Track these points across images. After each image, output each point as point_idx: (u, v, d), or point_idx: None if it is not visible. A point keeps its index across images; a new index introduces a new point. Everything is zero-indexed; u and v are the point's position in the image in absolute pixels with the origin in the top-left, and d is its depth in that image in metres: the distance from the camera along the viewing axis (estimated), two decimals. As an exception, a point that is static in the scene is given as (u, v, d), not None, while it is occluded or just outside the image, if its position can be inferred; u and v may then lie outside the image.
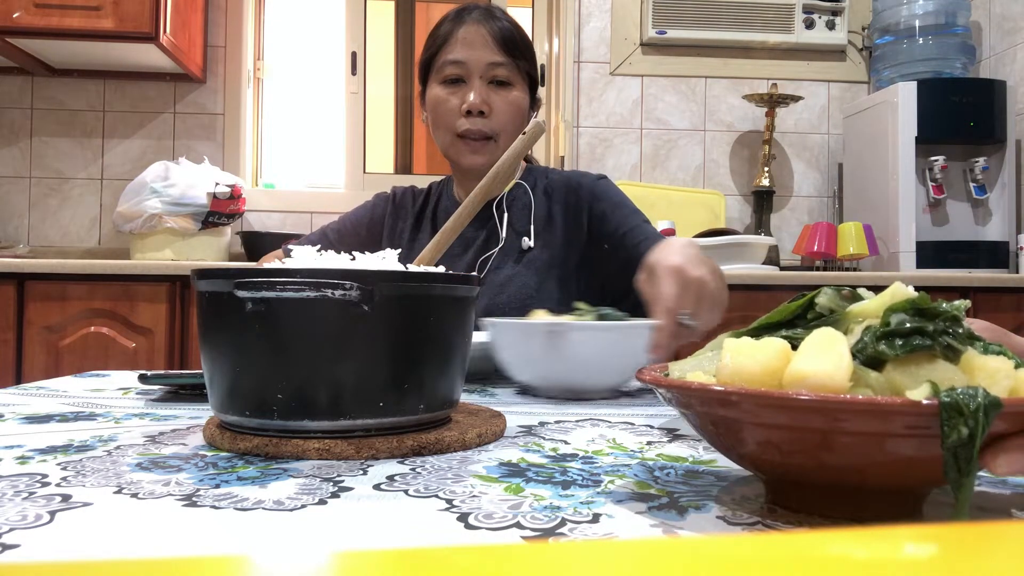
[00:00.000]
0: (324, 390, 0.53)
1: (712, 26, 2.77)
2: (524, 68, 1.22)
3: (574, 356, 0.78)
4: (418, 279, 0.56)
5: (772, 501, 0.42)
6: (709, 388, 0.38)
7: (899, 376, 0.36)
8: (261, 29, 2.93)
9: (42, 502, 0.40)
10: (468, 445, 0.57)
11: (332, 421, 0.53)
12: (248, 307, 0.52)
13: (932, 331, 0.36)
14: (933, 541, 0.19)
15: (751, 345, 0.39)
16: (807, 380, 0.35)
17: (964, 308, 0.37)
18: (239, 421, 0.55)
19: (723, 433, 0.40)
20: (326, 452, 0.52)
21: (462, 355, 0.61)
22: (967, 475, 0.33)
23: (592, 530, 0.37)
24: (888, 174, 2.48)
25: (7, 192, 2.70)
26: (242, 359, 0.54)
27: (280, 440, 0.53)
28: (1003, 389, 0.35)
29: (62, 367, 2.07)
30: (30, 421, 0.65)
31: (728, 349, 0.39)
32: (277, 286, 0.50)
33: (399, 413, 0.55)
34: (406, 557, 0.18)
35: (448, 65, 1.19)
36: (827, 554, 0.18)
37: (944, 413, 0.32)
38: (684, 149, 2.86)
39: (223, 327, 0.55)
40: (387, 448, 0.53)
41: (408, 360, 0.55)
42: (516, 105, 1.20)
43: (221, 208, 2.40)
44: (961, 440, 0.32)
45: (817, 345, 0.37)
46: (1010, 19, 2.71)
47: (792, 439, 0.36)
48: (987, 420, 0.32)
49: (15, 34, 2.32)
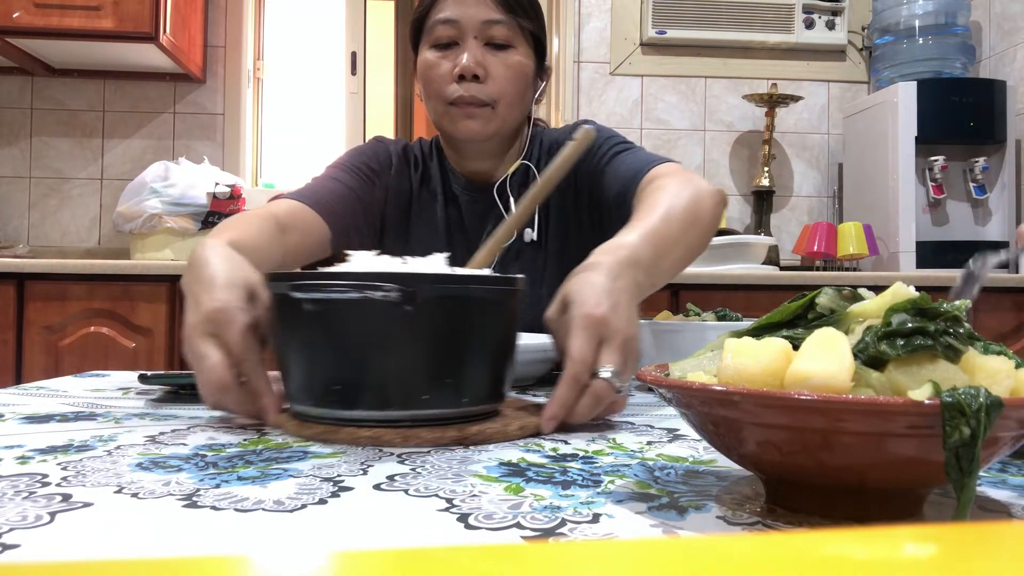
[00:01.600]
0: (371, 383, 0.58)
1: (712, 26, 2.77)
2: (527, 28, 1.06)
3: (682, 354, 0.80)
4: (458, 281, 0.59)
5: (772, 501, 0.41)
6: (710, 388, 0.37)
7: (901, 376, 0.36)
8: (261, 29, 2.94)
9: (42, 502, 0.40)
10: (510, 437, 0.59)
11: (380, 411, 0.58)
12: (306, 307, 0.58)
13: (933, 331, 0.36)
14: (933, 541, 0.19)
15: (752, 345, 0.38)
16: (809, 380, 0.35)
17: (965, 308, 0.37)
18: (305, 410, 0.61)
19: (723, 433, 0.39)
20: (375, 440, 0.56)
21: (505, 353, 0.63)
22: (969, 475, 0.32)
23: (592, 530, 0.37)
24: (888, 174, 2.48)
25: (7, 192, 2.70)
26: (304, 353, 0.60)
27: (338, 428, 0.57)
28: (1004, 389, 0.34)
29: (62, 367, 2.07)
30: (30, 421, 0.65)
31: (729, 349, 0.39)
32: (326, 288, 0.56)
33: (442, 405, 0.59)
34: (406, 557, 0.18)
35: (439, 25, 1.04)
36: (827, 554, 0.18)
37: (946, 413, 0.32)
38: (684, 149, 2.86)
39: (289, 325, 0.61)
40: (431, 437, 0.56)
41: (450, 356, 0.59)
42: (517, 69, 1.05)
43: (221, 208, 2.40)
44: (963, 440, 0.32)
45: (819, 345, 0.37)
46: (1010, 19, 2.71)
47: (793, 439, 0.36)
48: (989, 420, 0.32)
49: (15, 34, 2.32)
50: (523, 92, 1.07)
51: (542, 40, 1.10)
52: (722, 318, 0.89)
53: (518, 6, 1.05)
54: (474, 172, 1.13)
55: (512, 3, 1.04)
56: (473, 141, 1.07)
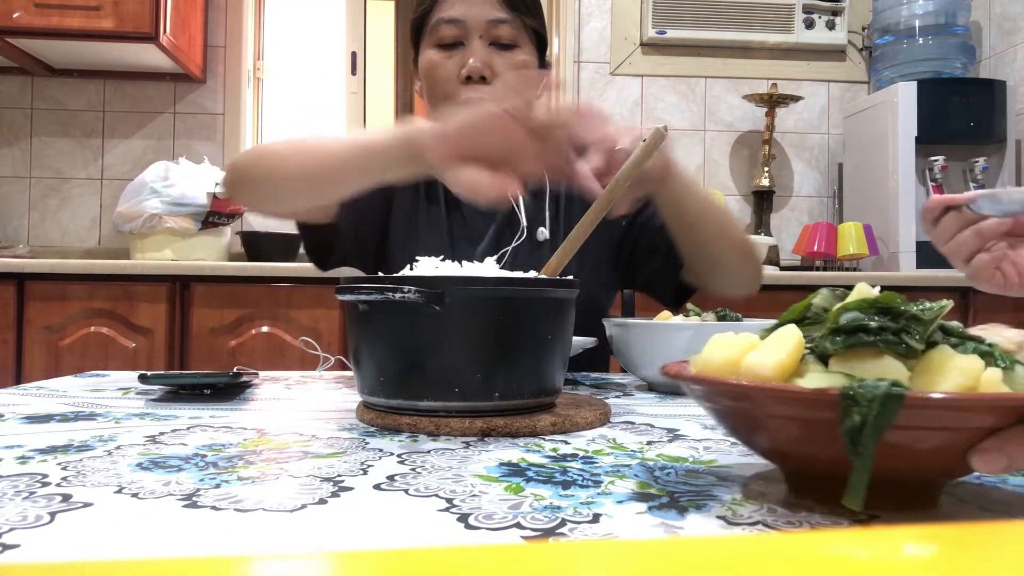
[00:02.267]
0: (408, 375, 0.63)
1: (712, 26, 2.77)
2: (531, 25, 1.06)
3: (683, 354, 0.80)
4: (483, 283, 0.62)
5: (791, 491, 0.44)
6: (679, 372, 0.44)
7: (839, 368, 0.39)
8: (261, 29, 2.94)
9: (42, 502, 0.40)
10: (539, 432, 0.61)
11: (416, 401, 0.63)
12: (360, 308, 0.64)
13: (875, 328, 0.38)
14: (933, 541, 0.19)
15: (724, 339, 0.44)
16: (749, 369, 0.40)
17: (946, 308, 0.39)
18: (366, 399, 0.67)
19: (723, 419, 0.44)
20: (412, 427, 0.62)
21: (541, 350, 0.65)
22: (860, 458, 0.35)
23: (592, 530, 0.37)
24: (888, 174, 2.48)
25: (7, 192, 2.70)
26: (361, 348, 0.66)
27: (386, 415, 0.64)
28: (952, 385, 0.37)
29: (62, 367, 2.07)
30: (30, 421, 0.65)
31: (709, 342, 0.44)
32: (356, 291, 0.61)
33: (473, 398, 0.62)
34: (406, 557, 0.18)
35: (443, 25, 1.03)
36: (827, 554, 0.18)
37: (843, 402, 0.35)
38: (684, 149, 2.86)
39: (352, 323, 0.67)
40: (460, 428, 0.61)
41: (478, 352, 0.63)
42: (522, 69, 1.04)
43: (221, 208, 2.40)
44: (854, 426, 0.35)
45: (773, 341, 0.41)
46: (1010, 19, 2.71)
47: (743, 421, 0.42)
48: (883, 410, 0.34)
49: (15, 34, 2.32)
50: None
51: (544, 36, 1.09)
52: (722, 318, 0.89)
53: (522, 4, 1.04)
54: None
55: (516, 2, 1.03)
56: None
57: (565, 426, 0.63)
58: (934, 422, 0.36)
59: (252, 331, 2.16)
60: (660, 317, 0.93)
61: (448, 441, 0.58)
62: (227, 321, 2.15)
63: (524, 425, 0.61)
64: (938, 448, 0.37)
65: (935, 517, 0.40)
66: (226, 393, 0.81)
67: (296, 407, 0.74)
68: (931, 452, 0.37)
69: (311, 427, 0.63)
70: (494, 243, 1.10)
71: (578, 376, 1.03)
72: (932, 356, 0.38)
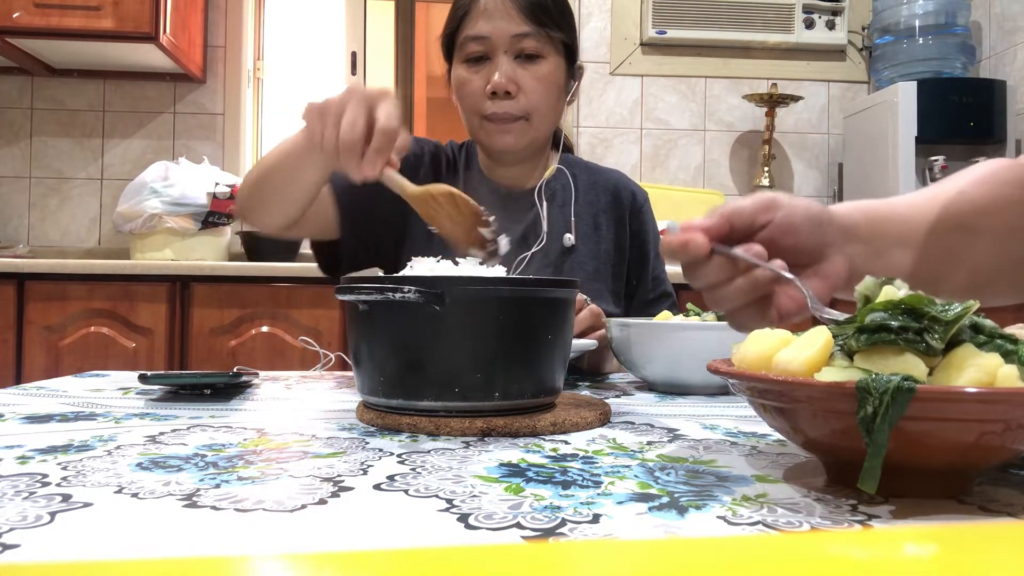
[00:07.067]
0: (408, 375, 0.63)
1: (712, 26, 2.77)
2: (558, 38, 1.09)
3: (699, 353, 0.80)
4: (483, 283, 0.63)
5: (829, 479, 0.47)
6: (716, 366, 0.48)
7: (863, 364, 0.42)
8: (261, 29, 2.94)
9: (42, 502, 0.40)
10: (539, 432, 0.61)
11: (416, 401, 0.63)
12: (360, 308, 0.64)
13: (896, 328, 0.41)
14: (933, 541, 0.19)
15: (761, 335, 0.47)
16: (777, 364, 0.44)
17: (972, 308, 0.41)
18: (365, 399, 0.67)
19: (763, 414, 0.47)
20: (412, 427, 0.61)
21: (541, 350, 0.65)
22: (875, 446, 0.38)
23: (592, 530, 0.37)
24: (888, 174, 2.48)
25: (7, 192, 2.70)
26: (361, 348, 0.66)
27: (386, 414, 0.63)
28: (968, 380, 0.39)
29: (62, 367, 2.07)
30: (30, 421, 0.65)
31: (748, 337, 0.48)
32: (356, 291, 0.61)
33: (473, 398, 0.62)
34: (406, 557, 0.18)
35: (469, 42, 1.07)
36: (827, 554, 0.18)
37: (860, 394, 0.38)
38: (684, 149, 2.86)
39: (352, 323, 0.67)
40: (460, 428, 0.60)
41: (478, 352, 0.63)
42: (548, 80, 1.08)
43: (221, 208, 2.40)
44: (867, 416, 0.38)
45: (805, 339, 0.45)
46: (1010, 19, 2.70)
47: (778, 411, 0.45)
48: (894, 402, 0.37)
49: (15, 34, 2.32)
50: (555, 101, 1.11)
51: (572, 46, 1.13)
52: (722, 318, 0.89)
53: (547, 17, 1.07)
54: (504, 177, 1.17)
55: (540, 15, 1.07)
56: (508, 152, 1.12)
57: (565, 426, 0.63)
58: (947, 414, 0.38)
59: (252, 331, 2.16)
60: (660, 317, 0.93)
61: (448, 441, 0.58)
62: (227, 321, 2.15)
63: (524, 425, 0.61)
64: (954, 439, 0.39)
65: (951, 510, 0.40)
66: (226, 393, 0.81)
67: (296, 407, 0.74)
68: (948, 442, 0.40)
69: (311, 427, 0.63)
70: (515, 249, 1.11)
71: (578, 376, 1.03)
72: (955, 353, 0.41)
